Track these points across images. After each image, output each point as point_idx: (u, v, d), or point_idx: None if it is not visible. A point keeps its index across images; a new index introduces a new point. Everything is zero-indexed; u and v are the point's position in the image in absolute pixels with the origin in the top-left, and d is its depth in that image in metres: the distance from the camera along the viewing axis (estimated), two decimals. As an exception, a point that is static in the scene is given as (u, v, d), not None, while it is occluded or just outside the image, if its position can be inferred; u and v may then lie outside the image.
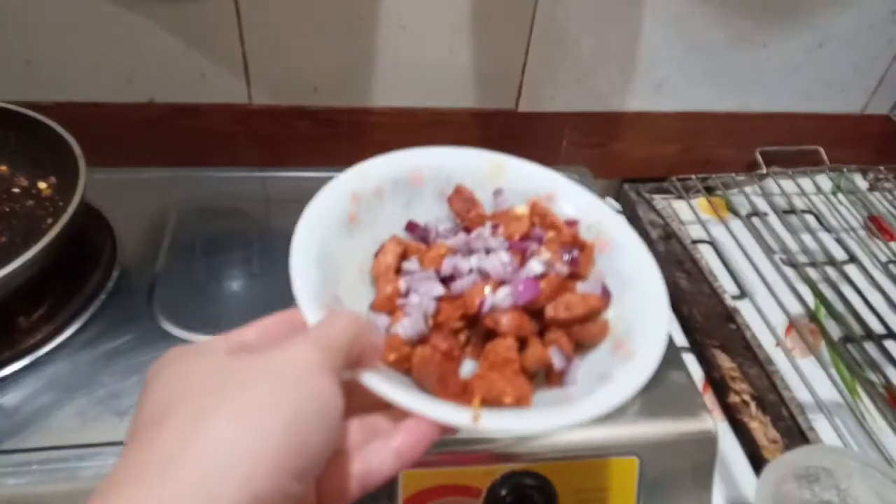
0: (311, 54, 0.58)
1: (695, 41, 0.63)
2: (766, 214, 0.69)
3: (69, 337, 0.43)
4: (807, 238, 0.66)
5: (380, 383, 0.24)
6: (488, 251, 0.31)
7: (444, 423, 0.24)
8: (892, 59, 0.70)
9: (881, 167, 0.77)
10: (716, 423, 0.42)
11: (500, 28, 0.59)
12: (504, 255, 0.30)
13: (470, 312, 0.29)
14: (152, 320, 0.44)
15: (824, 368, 0.52)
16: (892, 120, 0.75)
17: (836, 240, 0.67)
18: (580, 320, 0.30)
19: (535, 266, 0.30)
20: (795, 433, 0.48)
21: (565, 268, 0.31)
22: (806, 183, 0.74)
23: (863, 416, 0.49)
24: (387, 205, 0.34)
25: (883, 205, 0.74)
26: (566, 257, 0.31)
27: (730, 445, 0.49)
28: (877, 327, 0.58)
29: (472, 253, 0.31)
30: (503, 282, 0.30)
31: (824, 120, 0.73)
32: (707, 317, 0.58)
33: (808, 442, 0.47)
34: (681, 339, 0.57)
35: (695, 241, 0.66)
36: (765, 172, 0.72)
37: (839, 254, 0.66)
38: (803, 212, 0.71)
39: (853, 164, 0.76)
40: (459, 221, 0.35)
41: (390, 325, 0.29)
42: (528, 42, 0.61)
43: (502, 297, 0.29)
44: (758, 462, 0.47)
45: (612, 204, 0.72)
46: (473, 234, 0.33)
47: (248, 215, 0.55)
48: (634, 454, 0.40)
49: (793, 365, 0.52)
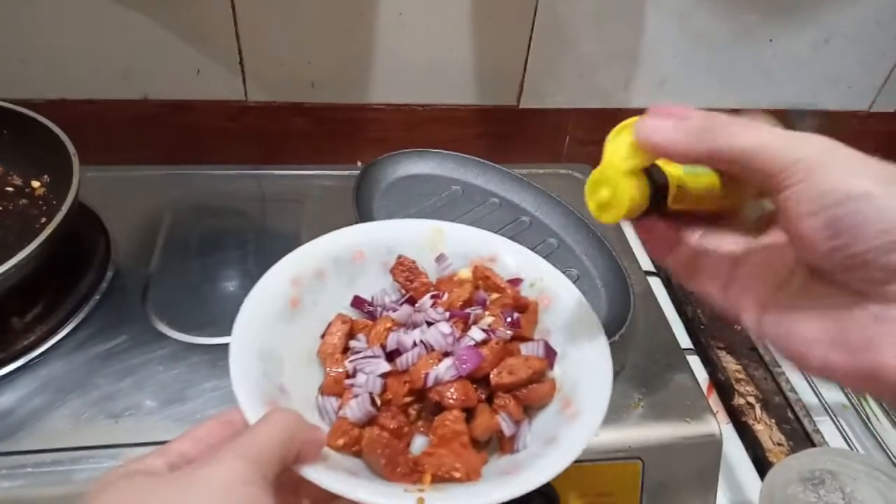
0: (308, 50, 0.57)
1: (699, 36, 0.63)
2: (770, 213, 0.68)
3: (63, 338, 0.42)
4: (812, 237, 0.65)
5: (322, 475, 0.24)
6: (429, 324, 0.32)
7: None
8: (899, 56, 0.69)
9: (888, 165, 0.76)
10: (720, 425, 0.42)
11: (501, 23, 0.58)
12: (445, 327, 0.31)
13: (416, 387, 0.29)
14: (146, 321, 0.44)
15: (830, 370, 0.52)
16: (899, 117, 0.74)
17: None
18: (525, 383, 0.30)
19: (475, 334, 0.30)
20: (801, 436, 0.48)
21: (508, 332, 0.31)
22: (811, 181, 0.73)
23: (868, 418, 0.49)
24: (330, 285, 0.34)
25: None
26: (507, 319, 0.31)
27: (734, 448, 0.48)
28: (883, 328, 0.57)
29: (415, 326, 0.32)
30: (447, 353, 0.30)
31: (831, 116, 0.72)
32: (712, 318, 0.57)
33: (813, 445, 0.47)
34: (685, 340, 0.56)
35: (698, 240, 0.65)
36: (770, 170, 0.71)
37: (845, 253, 0.65)
38: (809, 210, 0.70)
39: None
40: (404, 292, 0.35)
41: (340, 408, 0.30)
42: (530, 38, 0.60)
43: (444, 369, 0.29)
44: (763, 465, 0.47)
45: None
46: (417, 305, 0.33)
47: (244, 214, 0.55)
48: (638, 458, 0.40)
49: (798, 366, 0.51)
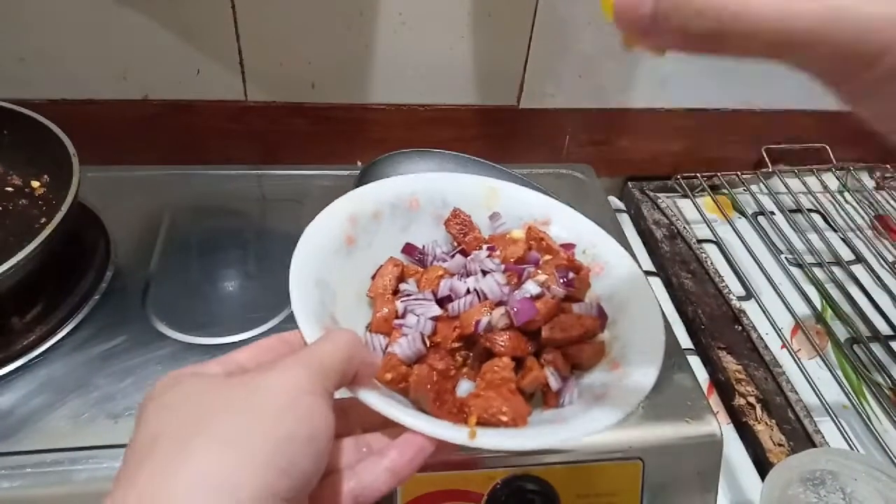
0: (309, 50, 0.57)
1: None
2: (772, 213, 0.69)
3: (63, 338, 0.42)
4: (813, 238, 0.65)
5: (375, 400, 0.24)
6: (485, 273, 0.32)
7: (440, 439, 0.24)
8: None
9: (888, 166, 0.76)
10: (721, 426, 0.41)
11: (501, 23, 0.58)
12: (500, 277, 0.31)
13: (466, 333, 0.29)
14: (146, 321, 0.44)
15: (830, 370, 0.52)
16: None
17: (843, 239, 0.67)
18: (576, 341, 0.30)
19: (531, 287, 0.30)
20: (801, 436, 0.48)
21: (561, 290, 0.31)
22: (812, 181, 0.73)
23: (869, 418, 0.49)
24: (384, 228, 0.35)
25: (890, 204, 0.73)
26: (562, 279, 0.31)
27: (735, 449, 0.48)
28: (883, 328, 0.57)
29: (468, 275, 0.32)
30: (500, 303, 0.30)
31: (831, 117, 0.72)
32: (712, 318, 0.57)
33: (814, 445, 0.47)
34: (686, 340, 0.56)
35: (700, 241, 0.65)
36: (771, 171, 0.71)
37: (846, 254, 0.65)
38: (810, 211, 0.70)
39: (860, 163, 0.75)
40: (456, 244, 0.36)
41: (387, 346, 0.30)
42: (530, 37, 0.60)
43: (498, 317, 0.29)
44: (763, 465, 0.47)
45: (615, 203, 0.72)
46: (470, 256, 0.34)
47: (244, 214, 0.55)
48: (638, 458, 0.40)
49: (799, 367, 0.51)
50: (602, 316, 0.32)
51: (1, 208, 0.47)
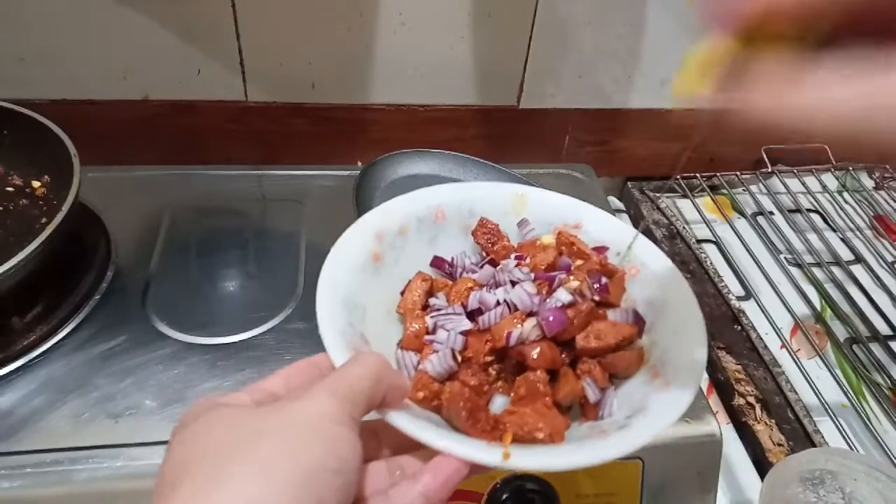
0: (309, 50, 0.57)
1: (700, 36, 0.62)
2: (771, 214, 0.69)
3: (63, 338, 0.42)
4: (812, 238, 0.65)
5: (407, 422, 0.24)
6: (514, 283, 0.31)
7: (474, 462, 0.23)
8: (899, 56, 0.69)
9: (887, 166, 0.76)
10: (720, 425, 0.41)
11: (501, 23, 0.58)
12: (530, 286, 0.30)
13: (498, 346, 0.29)
14: (146, 321, 0.44)
15: (830, 370, 0.52)
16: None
17: (842, 239, 0.67)
18: (612, 349, 0.29)
19: (562, 295, 0.29)
20: (801, 436, 0.48)
21: (594, 296, 0.30)
22: (812, 181, 0.73)
23: (868, 418, 0.49)
24: (411, 242, 0.34)
25: (889, 204, 0.73)
26: (595, 285, 0.30)
27: (734, 449, 0.48)
28: (883, 328, 0.58)
29: (498, 286, 0.31)
30: (531, 314, 0.29)
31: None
32: (712, 318, 0.57)
33: (813, 445, 0.47)
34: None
35: (699, 241, 0.65)
36: (770, 171, 0.71)
37: (845, 254, 0.65)
38: (809, 211, 0.70)
39: (859, 163, 0.75)
40: (485, 254, 0.35)
41: (419, 363, 0.29)
42: (530, 38, 0.60)
43: (529, 328, 0.28)
44: (763, 465, 0.47)
45: (615, 203, 0.72)
46: (499, 266, 0.33)
47: (244, 214, 0.55)
48: (638, 457, 0.40)
49: (798, 367, 0.51)
50: (639, 321, 0.30)
51: (1, 208, 0.47)
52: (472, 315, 0.31)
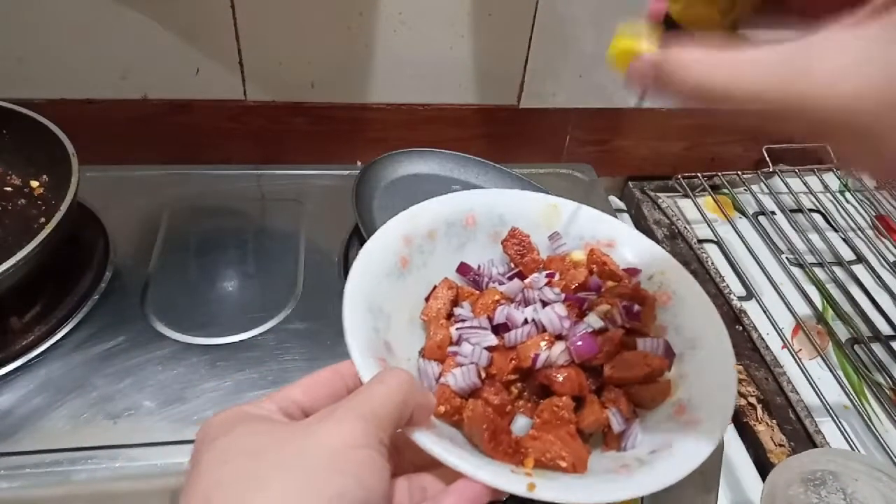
0: (308, 50, 0.57)
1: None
2: (773, 213, 0.68)
3: (62, 338, 0.42)
4: (814, 237, 0.65)
5: (433, 443, 0.23)
6: (545, 303, 0.30)
7: (499, 490, 0.23)
8: (901, 55, 0.69)
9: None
10: (721, 427, 0.41)
11: (501, 23, 0.58)
12: (561, 309, 0.29)
13: (523, 366, 0.28)
14: (145, 321, 0.43)
15: (831, 370, 0.51)
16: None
17: (844, 239, 0.66)
18: (639, 381, 0.28)
19: (592, 321, 0.29)
20: (802, 436, 0.48)
21: (625, 324, 0.29)
22: (813, 181, 0.73)
23: (870, 418, 0.48)
24: (439, 247, 0.34)
25: (891, 203, 0.72)
26: (626, 312, 0.29)
27: (736, 449, 0.48)
28: (884, 328, 0.57)
29: (526, 302, 0.31)
30: (559, 336, 0.29)
31: (832, 116, 0.71)
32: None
33: (814, 445, 0.47)
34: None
35: (701, 241, 0.65)
36: (771, 170, 0.71)
37: (847, 254, 0.65)
38: (810, 210, 0.70)
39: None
40: (513, 266, 0.34)
41: (441, 375, 0.29)
42: (530, 37, 0.60)
43: (558, 352, 0.28)
44: (764, 466, 0.46)
45: (615, 202, 0.71)
46: (528, 281, 0.32)
47: (244, 214, 0.55)
48: (638, 459, 0.40)
49: (800, 367, 0.51)
50: (669, 354, 0.29)
51: (0, 208, 0.47)
52: (497, 329, 0.30)
